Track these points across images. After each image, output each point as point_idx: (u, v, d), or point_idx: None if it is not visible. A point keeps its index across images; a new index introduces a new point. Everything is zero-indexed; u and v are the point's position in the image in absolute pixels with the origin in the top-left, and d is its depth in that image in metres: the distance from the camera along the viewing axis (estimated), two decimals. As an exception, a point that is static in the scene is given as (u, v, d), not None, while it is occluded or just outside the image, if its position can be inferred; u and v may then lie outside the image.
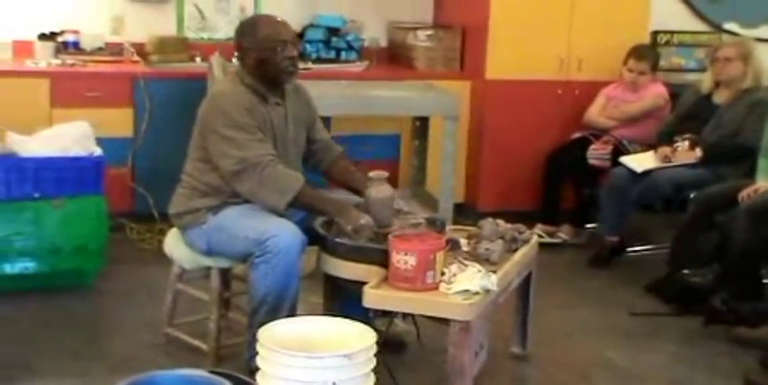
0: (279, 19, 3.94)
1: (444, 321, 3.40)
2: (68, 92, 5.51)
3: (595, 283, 5.26)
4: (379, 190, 3.78)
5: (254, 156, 3.68)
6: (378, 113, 5.69)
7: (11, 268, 4.63)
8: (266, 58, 3.81)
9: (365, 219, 3.69)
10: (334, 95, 5.39)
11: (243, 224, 3.71)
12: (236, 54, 3.98)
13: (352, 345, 2.97)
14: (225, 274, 4.02)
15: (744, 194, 4.76)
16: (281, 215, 3.76)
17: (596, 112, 5.99)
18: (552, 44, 6.07)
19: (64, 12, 6.01)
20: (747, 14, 6.96)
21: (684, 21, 6.92)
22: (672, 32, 6.78)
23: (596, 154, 5.80)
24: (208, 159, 3.81)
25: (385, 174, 3.84)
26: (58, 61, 5.72)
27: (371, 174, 3.83)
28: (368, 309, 3.46)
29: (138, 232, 5.60)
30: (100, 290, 4.79)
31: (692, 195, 5.15)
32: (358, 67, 6.23)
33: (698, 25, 6.95)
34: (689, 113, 5.57)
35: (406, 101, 5.61)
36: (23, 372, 3.84)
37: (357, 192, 4.01)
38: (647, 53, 5.97)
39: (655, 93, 5.92)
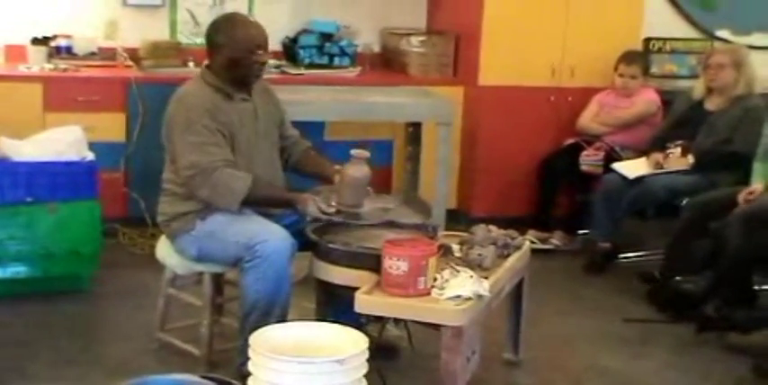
0: (255, 21, 3.94)
1: (436, 327, 3.40)
2: (61, 96, 5.50)
3: (588, 289, 5.26)
4: (357, 169, 3.77)
5: (205, 162, 3.68)
6: (371, 119, 5.68)
7: (3, 272, 4.62)
8: (239, 58, 3.80)
9: (319, 205, 3.70)
10: (327, 101, 5.39)
11: (231, 229, 3.71)
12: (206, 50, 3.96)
13: (344, 351, 2.97)
14: (217, 280, 4.02)
15: (741, 198, 4.78)
16: (269, 218, 3.76)
17: (589, 118, 6.00)
18: (545, 51, 6.08)
19: (57, 16, 5.99)
20: (739, 22, 6.98)
21: (677, 28, 6.93)
22: (664, 39, 6.79)
23: (588, 160, 5.81)
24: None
25: (366, 153, 3.83)
26: (51, 66, 5.71)
27: (353, 151, 3.82)
28: (360, 315, 3.45)
29: (130, 237, 5.60)
30: (93, 295, 4.79)
31: (684, 202, 5.15)
32: (351, 72, 6.23)
33: (690, 32, 6.97)
34: (681, 120, 5.58)
35: (399, 106, 5.60)
36: (17, 377, 3.84)
37: (328, 180, 4.00)
38: (637, 57, 5.99)
39: (647, 99, 5.93)
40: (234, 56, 3.80)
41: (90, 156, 4.80)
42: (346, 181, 3.77)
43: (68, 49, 5.90)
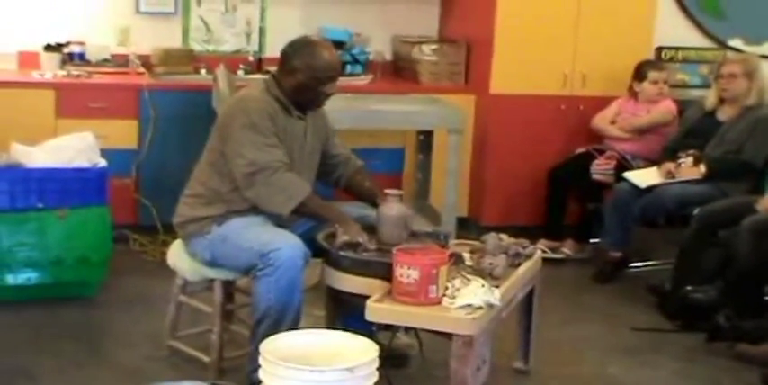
0: (334, 51, 3.93)
1: (447, 335, 3.40)
2: (73, 103, 5.53)
3: (598, 299, 5.25)
4: (391, 207, 3.79)
5: (264, 161, 3.69)
6: (382, 127, 5.70)
7: (14, 279, 4.63)
8: (310, 86, 3.82)
9: (363, 238, 3.71)
10: (339, 109, 5.36)
11: (246, 236, 3.71)
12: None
13: (354, 359, 2.97)
14: (228, 287, 4.02)
15: (761, 207, 4.78)
16: (283, 227, 3.77)
17: (607, 119, 5.97)
18: (556, 59, 6.07)
19: (70, 23, 6.02)
20: (752, 31, 6.96)
21: (689, 37, 6.91)
22: (676, 48, 6.79)
23: (600, 169, 5.80)
24: (218, 162, 3.82)
25: (399, 192, 3.85)
26: (64, 72, 5.74)
27: (387, 191, 3.85)
28: (371, 323, 3.45)
29: (141, 243, 5.60)
30: (103, 302, 4.79)
31: (695, 211, 5.14)
32: (363, 80, 6.24)
33: (702, 42, 6.95)
34: (693, 129, 5.58)
35: (410, 114, 5.61)
36: (25, 382, 3.84)
37: (370, 203, 4.02)
38: (661, 63, 6.02)
39: (664, 108, 5.91)
40: (306, 82, 3.81)
41: (101, 162, 4.81)
42: (383, 220, 3.79)
43: (81, 56, 5.93)
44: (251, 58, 6.21)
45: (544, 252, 5.06)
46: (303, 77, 3.80)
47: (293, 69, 3.82)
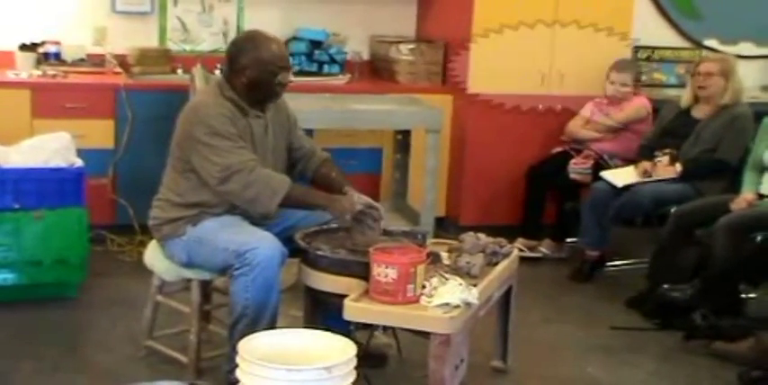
0: (278, 40, 3.90)
1: (425, 334, 3.40)
2: (49, 103, 5.49)
3: (576, 298, 5.27)
4: None
5: (237, 163, 3.68)
6: (360, 127, 5.70)
7: (-11, 279, 4.60)
8: (263, 79, 3.79)
9: (361, 203, 3.73)
10: (316, 109, 5.39)
11: (222, 236, 3.70)
12: (222, 67, 3.93)
13: (332, 358, 2.97)
14: (205, 287, 4.01)
15: (735, 207, 4.80)
16: (260, 226, 3.76)
17: (579, 124, 6.01)
18: (534, 59, 6.08)
19: (45, 22, 5.99)
20: (727, 31, 7.01)
21: (665, 37, 6.95)
22: (653, 48, 6.82)
23: (577, 168, 5.81)
24: (183, 169, 3.81)
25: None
26: (39, 72, 5.70)
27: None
28: (348, 322, 3.45)
29: (118, 244, 5.58)
30: (80, 303, 4.77)
31: (671, 210, 5.16)
32: (340, 80, 6.23)
33: (679, 41, 6.99)
34: (669, 128, 5.59)
35: (388, 114, 5.61)
36: (2, 385, 3.83)
37: (337, 193, 3.99)
38: (629, 65, 6.01)
39: (637, 103, 5.92)
40: (258, 77, 3.78)
41: (78, 162, 4.79)
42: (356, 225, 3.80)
43: (57, 56, 5.89)
44: (228, 58, 6.20)
45: (522, 251, 5.05)
46: (254, 73, 3.77)
47: (243, 67, 3.79)
